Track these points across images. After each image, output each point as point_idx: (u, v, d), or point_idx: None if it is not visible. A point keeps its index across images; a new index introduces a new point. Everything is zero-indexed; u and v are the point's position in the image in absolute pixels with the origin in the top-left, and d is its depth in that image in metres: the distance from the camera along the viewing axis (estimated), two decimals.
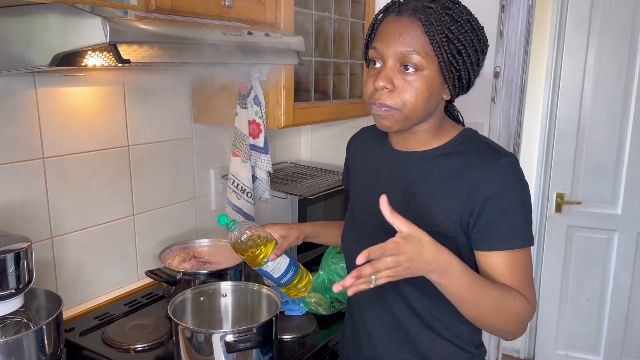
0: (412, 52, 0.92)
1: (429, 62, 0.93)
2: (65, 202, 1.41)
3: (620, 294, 2.70)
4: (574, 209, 2.71)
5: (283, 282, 1.19)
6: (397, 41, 0.93)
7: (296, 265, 1.21)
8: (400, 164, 1.07)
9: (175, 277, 1.44)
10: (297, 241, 1.27)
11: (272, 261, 1.16)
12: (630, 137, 2.55)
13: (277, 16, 1.54)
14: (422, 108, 0.96)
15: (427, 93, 0.95)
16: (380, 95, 0.96)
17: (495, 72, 1.87)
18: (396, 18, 0.95)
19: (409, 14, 0.93)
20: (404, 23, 0.94)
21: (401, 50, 0.93)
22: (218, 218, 1.14)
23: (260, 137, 1.63)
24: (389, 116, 0.97)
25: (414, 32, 0.93)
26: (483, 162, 0.97)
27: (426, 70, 0.93)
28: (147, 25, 0.98)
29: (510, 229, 0.95)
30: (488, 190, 0.94)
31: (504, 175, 0.95)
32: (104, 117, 1.48)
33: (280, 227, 1.23)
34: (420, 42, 0.92)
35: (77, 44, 0.94)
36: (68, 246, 1.44)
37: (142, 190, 1.62)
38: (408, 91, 0.94)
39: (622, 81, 2.52)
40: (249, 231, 1.16)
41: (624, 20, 2.47)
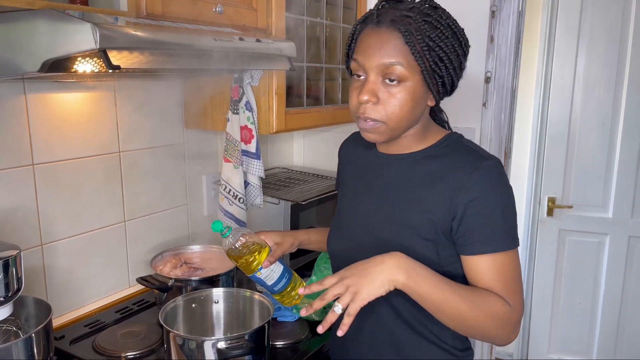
0: (395, 64, 0.91)
1: (411, 73, 0.92)
2: (55, 208, 1.40)
3: (612, 297, 2.71)
4: (566, 213, 2.72)
5: (276, 289, 1.18)
6: (378, 53, 0.92)
7: (290, 273, 1.21)
8: (383, 166, 1.08)
9: (166, 283, 1.43)
10: (291, 248, 1.27)
11: (266, 268, 1.16)
12: (620, 142, 2.57)
13: (268, 22, 1.54)
14: (407, 119, 0.97)
15: (412, 103, 0.95)
16: (365, 109, 0.95)
17: (486, 77, 1.88)
18: (375, 29, 0.93)
19: (387, 24, 0.92)
20: (383, 34, 0.92)
21: (383, 63, 0.92)
22: (212, 224, 1.14)
23: (252, 142, 1.63)
24: (375, 130, 0.97)
25: (394, 43, 0.91)
26: (465, 165, 0.97)
27: (409, 80, 0.93)
28: (137, 31, 0.98)
29: (493, 232, 0.95)
30: (470, 193, 0.94)
31: (486, 178, 0.95)
32: (95, 123, 1.48)
33: (275, 234, 1.23)
34: (402, 53, 0.91)
35: (66, 50, 0.94)
36: (58, 253, 1.43)
37: (133, 196, 1.61)
38: (392, 104, 0.94)
39: (611, 86, 2.54)
40: (243, 238, 1.15)
41: (613, 27, 2.49)
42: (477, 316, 0.92)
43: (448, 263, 0.99)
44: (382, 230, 1.04)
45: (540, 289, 2.84)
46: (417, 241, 0.99)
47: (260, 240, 1.18)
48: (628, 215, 2.62)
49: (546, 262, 2.81)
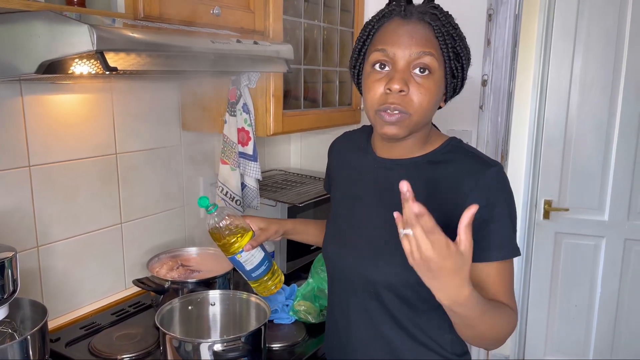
0: (427, 54, 0.91)
1: (439, 65, 0.93)
2: (51, 210, 1.40)
3: (608, 300, 2.72)
4: (562, 216, 2.73)
5: (254, 275, 1.18)
6: (410, 42, 0.91)
7: (270, 262, 1.21)
8: (384, 171, 1.05)
9: (163, 285, 1.43)
10: (276, 236, 1.26)
11: (247, 252, 1.15)
12: (616, 144, 2.57)
13: (266, 24, 1.54)
14: (428, 114, 0.96)
15: (436, 97, 0.95)
16: (395, 99, 0.92)
17: (483, 80, 1.88)
18: (405, 21, 0.94)
19: (417, 17, 0.93)
20: (415, 25, 0.93)
21: (416, 52, 0.91)
22: (199, 200, 1.14)
23: (250, 144, 1.63)
24: (401, 122, 0.93)
25: (426, 34, 0.92)
26: (470, 171, 0.95)
27: (436, 73, 0.93)
28: (134, 33, 0.98)
29: (502, 239, 0.94)
30: (477, 200, 0.91)
31: (492, 185, 0.94)
32: (92, 125, 1.47)
33: (260, 220, 1.23)
34: (433, 45, 0.92)
35: (63, 52, 0.94)
36: (54, 255, 1.42)
37: (130, 198, 1.61)
38: (421, 94, 0.92)
39: (607, 89, 2.55)
40: (228, 218, 1.15)
41: (610, 29, 2.50)
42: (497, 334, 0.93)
43: None
44: (381, 237, 1.02)
45: (536, 291, 2.85)
46: None
47: (244, 224, 1.18)
48: (624, 218, 2.63)
49: (542, 265, 2.81)
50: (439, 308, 1.01)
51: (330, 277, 1.16)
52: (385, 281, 1.00)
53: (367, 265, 1.03)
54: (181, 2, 1.25)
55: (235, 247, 1.15)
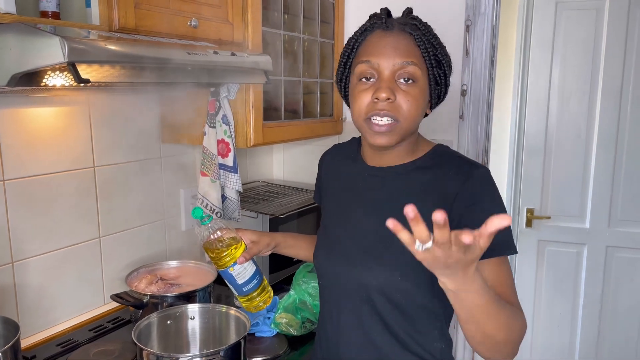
0: (410, 63, 0.94)
1: (422, 74, 0.96)
2: (27, 225, 1.37)
3: (591, 307, 2.73)
4: (544, 224, 2.75)
5: (245, 289, 1.16)
6: (393, 53, 0.95)
7: (261, 276, 1.20)
8: (373, 179, 1.06)
9: (142, 300, 1.40)
10: (267, 248, 1.26)
11: (240, 264, 1.14)
12: (595, 153, 2.61)
13: (245, 36, 1.54)
14: (416, 121, 0.99)
15: (423, 105, 0.98)
16: (384, 106, 0.94)
17: (463, 90, 1.90)
18: (386, 32, 0.97)
19: (398, 28, 0.97)
20: (397, 36, 0.96)
21: (400, 62, 0.94)
22: (193, 211, 1.13)
23: (230, 156, 1.62)
24: (391, 131, 0.95)
25: (407, 44, 0.96)
26: (458, 173, 0.97)
27: (420, 81, 0.96)
28: (107, 44, 0.97)
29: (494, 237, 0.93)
30: (466, 200, 0.94)
31: (480, 185, 0.96)
32: (69, 138, 1.46)
33: (252, 233, 1.23)
34: (415, 54, 0.96)
35: (35, 64, 0.93)
36: (30, 271, 1.39)
37: (109, 211, 1.59)
38: (408, 101, 0.95)
39: (585, 98, 2.59)
40: (220, 230, 1.14)
41: (586, 40, 2.54)
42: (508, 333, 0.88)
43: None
44: (373, 242, 1.02)
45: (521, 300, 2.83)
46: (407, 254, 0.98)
47: (237, 236, 1.17)
48: (605, 226, 2.66)
49: (526, 273, 2.83)
50: (431, 315, 1.01)
51: (321, 285, 1.16)
52: (377, 285, 1.00)
53: (359, 269, 1.03)
54: (157, 14, 1.25)
55: (228, 259, 1.14)
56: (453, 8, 1.88)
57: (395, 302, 1.00)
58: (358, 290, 1.03)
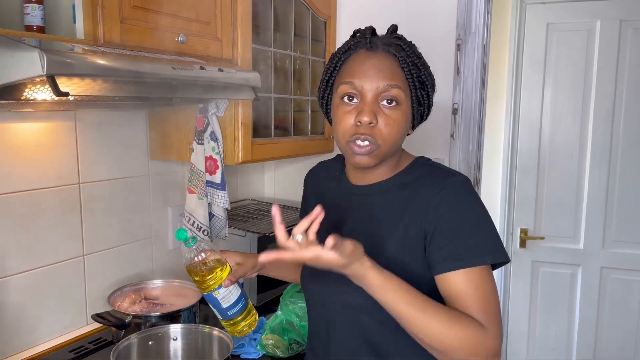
0: (393, 87, 0.94)
1: (405, 96, 0.96)
2: (8, 242, 1.34)
3: (587, 329, 2.69)
4: (538, 244, 2.72)
5: (230, 314, 1.13)
6: (377, 75, 0.94)
7: (246, 300, 1.17)
8: (357, 198, 1.06)
9: (124, 320, 1.37)
10: (253, 270, 1.22)
11: (225, 287, 1.10)
12: (588, 173, 2.60)
13: (234, 53, 1.53)
14: (397, 143, 0.99)
15: (405, 127, 0.98)
16: (365, 130, 0.94)
17: (454, 109, 1.89)
18: (370, 53, 0.96)
19: (383, 48, 0.96)
20: (381, 57, 0.95)
21: (384, 85, 0.94)
22: (177, 232, 1.10)
23: (218, 173, 1.60)
24: (371, 153, 0.95)
25: (392, 66, 0.95)
26: (433, 184, 0.97)
27: (403, 104, 0.96)
28: (88, 57, 0.95)
29: (462, 248, 0.92)
30: (438, 211, 0.93)
31: (453, 195, 0.94)
32: (54, 154, 1.43)
33: (236, 255, 1.19)
34: (399, 77, 0.95)
35: (14, 77, 0.91)
36: (9, 289, 1.36)
37: (93, 229, 1.55)
38: (390, 125, 0.94)
39: (578, 118, 2.59)
40: (205, 253, 1.11)
41: (578, 61, 2.56)
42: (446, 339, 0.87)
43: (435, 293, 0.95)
44: None
45: (515, 322, 2.82)
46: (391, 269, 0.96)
47: (222, 258, 1.14)
48: (599, 246, 2.63)
49: (520, 294, 2.79)
50: None
51: (308, 305, 1.15)
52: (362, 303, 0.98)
53: (344, 288, 0.99)
54: (144, 29, 1.24)
55: (212, 282, 1.10)
56: (444, 27, 1.89)
57: (381, 320, 0.97)
58: (344, 310, 1.02)
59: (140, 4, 1.23)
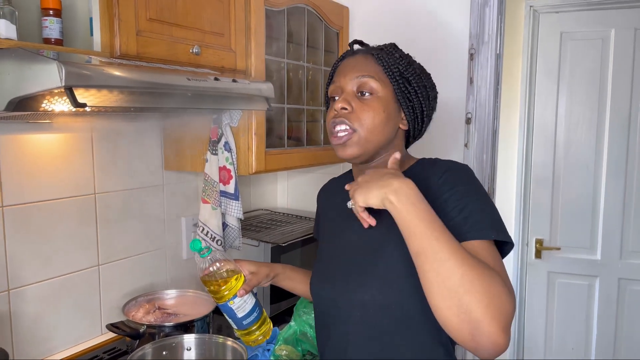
0: (367, 77, 1.01)
1: (383, 87, 1.01)
2: (24, 252, 1.36)
3: (605, 342, 2.65)
4: (554, 255, 2.69)
5: (245, 323, 1.13)
6: (352, 70, 1.03)
7: (260, 309, 1.18)
8: None
9: (138, 330, 1.37)
10: (267, 279, 1.23)
11: (240, 297, 1.11)
12: (604, 183, 2.57)
13: (247, 64, 1.55)
14: (379, 130, 1.01)
15: (384, 115, 1.01)
16: (339, 113, 1.01)
17: (467, 118, 1.88)
18: (351, 57, 1.07)
19: (363, 52, 1.07)
20: (359, 57, 1.05)
21: (356, 75, 1.02)
22: (191, 243, 1.11)
23: (231, 183, 1.60)
24: (349, 140, 1.00)
25: (367, 62, 1.04)
26: (436, 171, 0.98)
27: (381, 93, 1.01)
28: (105, 69, 0.97)
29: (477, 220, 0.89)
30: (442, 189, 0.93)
31: (456, 176, 0.95)
32: (70, 164, 1.45)
33: (250, 264, 1.21)
34: (374, 69, 1.02)
35: (33, 89, 0.93)
36: (26, 299, 1.37)
37: (108, 239, 1.57)
38: (365, 111, 1.00)
39: (593, 128, 2.57)
40: (219, 262, 1.12)
41: (592, 70, 2.54)
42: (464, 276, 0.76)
43: None
44: (363, 260, 1.01)
45: (532, 334, 2.78)
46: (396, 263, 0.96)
47: (236, 268, 1.15)
48: (616, 257, 2.59)
49: (536, 306, 2.75)
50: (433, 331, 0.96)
51: (317, 312, 1.14)
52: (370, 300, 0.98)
53: (352, 286, 1.01)
54: (159, 41, 1.25)
55: (227, 292, 1.11)
56: (457, 37, 1.89)
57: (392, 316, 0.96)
58: (353, 310, 1.01)
59: (155, 17, 1.25)
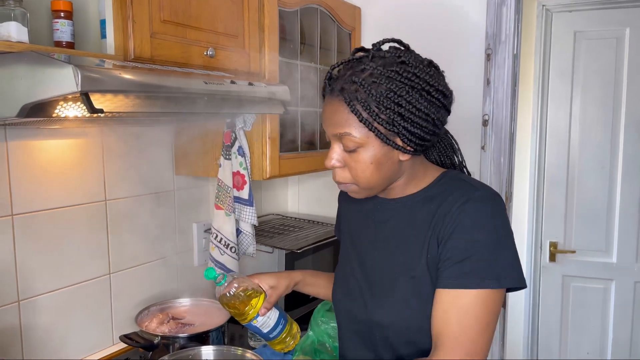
0: (345, 135, 0.90)
1: (365, 138, 0.89)
2: (34, 262, 1.32)
3: (621, 346, 2.60)
4: (568, 258, 2.65)
5: (272, 336, 1.13)
6: (330, 124, 0.92)
7: (285, 318, 1.16)
8: (383, 212, 1.04)
9: (152, 341, 1.33)
10: (287, 291, 1.21)
11: (263, 316, 1.10)
12: (620, 184, 2.52)
13: (261, 66, 1.51)
14: (376, 178, 0.94)
15: (374, 166, 0.92)
16: (334, 173, 0.96)
17: (484, 120, 1.84)
18: (328, 98, 0.93)
19: (336, 93, 0.90)
20: (333, 104, 0.91)
21: (335, 134, 0.92)
22: (205, 272, 1.09)
23: (245, 188, 1.56)
24: (355, 192, 0.97)
25: (341, 113, 0.89)
26: (455, 198, 0.91)
27: (364, 145, 0.90)
28: (122, 73, 0.93)
29: (468, 267, 0.86)
30: (455, 222, 0.89)
31: (475, 209, 0.89)
32: (80, 171, 1.41)
33: (269, 277, 1.17)
34: (349, 123, 0.89)
35: (47, 94, 0.89)
36: (37, 310, 1.33)
37: (119, 247, 1.53)
38: (355, 168, 0.93)
39: (608, 128, 2.52)
40: (237, 283, 1.10)
41: (607, 70, 2.50)
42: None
43: None
44: (382, 281, 0.99)
45: (546, 338, 2.73)
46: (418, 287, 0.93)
47: (255, 286, 1.12)
48: (633, 260, 2.55)
49: (551, 310, 2.71)
50: None
51: (339, 323, 1.12)
52: (389, 322, 0.97)
53: (371, 307, 1.00)
54: (173, 44, 1.21)
55: (250, 314, 1.09)
56: (473, 36, 1.85)
57: (411, 339, 0.95)
58: (372, 329, 1.00)
59: (169, 18, 1.21)
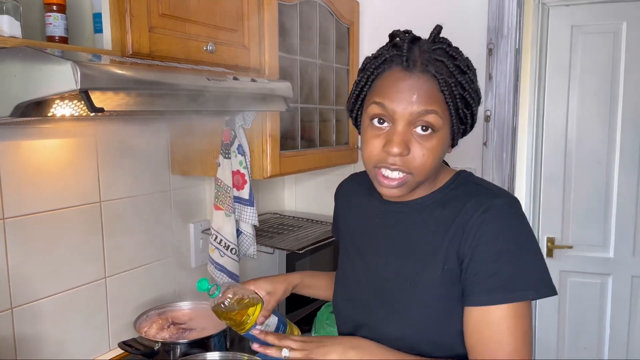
0: (430, 112, 0.83)
1: (444, 121, 0.85)
2: (27, 267, 1.26)
3: (618, 341, 2.60)
4: (566, 254, 2.64)
5: None
6: (412, 100, 0.82)
7: (285, 324, 1.12)
8: (391, 216, 0.98)
9: (152, 348, 1.28)
10: (285, 295, 1.16)
11: (261, 324, 1.05)
12: (617, 179, 2.52)
13: (261, 61, 1.46)
14: (434, 170, 0.88)
15: (440, 154, 0.87)
16: (395, 160, 0.84)
17: (486, 116, 1.81)
18: (406, 73, 0.84)
19: (420, 69, 0.83)
20: (417, 79, 0.83)
21: (418, 111, 0.82)
22: (198, 283, 1.03)
23: (245, 188, 1.52)
24: (402, 185, 0.87)
25: (430, 90, 0.83)
26: (474, 206, 0.87)
27: (441, 130, 0.85)
28: (123, 70, 0.88)
29: (499, 281, 0.83)
30: (477, 234, 0.85)
31: (497, 218, 0.85)
32: (74, 172, 1.35)
33: (265, 283, 1.12)
34: (437, 100, 0.83)
35: (43, 92, 0.83)
36: (30, 317, 1.27)
37: (115, 249, 1.47)
38: (424, 155, 0.84)
39: (605, 123, 2.51)
40: (231, 293, 1.04)
41: (604, 65, 2.48)
42: None
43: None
44: (393, 292, 0.94)
45: (544, 333, 2.73)
46: (431, 299, 0.89)
47: (251, 294, 1.07)
48: (630, 255, 2.55)
49: (548, 305, 2.70)
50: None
51: (339, 331, 1.07)
52: (400, 336, 0.92)
53: (381, 319, 0.95)
54: (173, 38, 1.16)
55: (248, 324, 1.04)
56: (474, 30, 1.82)
57: (421, 351, 0.90)
58: (378, 340, 0.94)
59: (168, 12, 1.15)
